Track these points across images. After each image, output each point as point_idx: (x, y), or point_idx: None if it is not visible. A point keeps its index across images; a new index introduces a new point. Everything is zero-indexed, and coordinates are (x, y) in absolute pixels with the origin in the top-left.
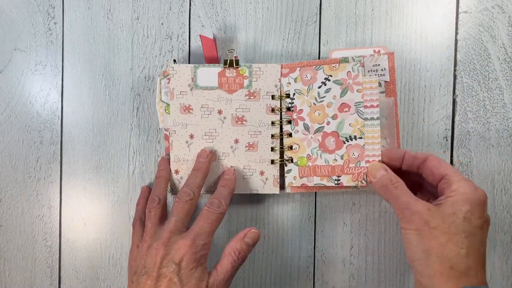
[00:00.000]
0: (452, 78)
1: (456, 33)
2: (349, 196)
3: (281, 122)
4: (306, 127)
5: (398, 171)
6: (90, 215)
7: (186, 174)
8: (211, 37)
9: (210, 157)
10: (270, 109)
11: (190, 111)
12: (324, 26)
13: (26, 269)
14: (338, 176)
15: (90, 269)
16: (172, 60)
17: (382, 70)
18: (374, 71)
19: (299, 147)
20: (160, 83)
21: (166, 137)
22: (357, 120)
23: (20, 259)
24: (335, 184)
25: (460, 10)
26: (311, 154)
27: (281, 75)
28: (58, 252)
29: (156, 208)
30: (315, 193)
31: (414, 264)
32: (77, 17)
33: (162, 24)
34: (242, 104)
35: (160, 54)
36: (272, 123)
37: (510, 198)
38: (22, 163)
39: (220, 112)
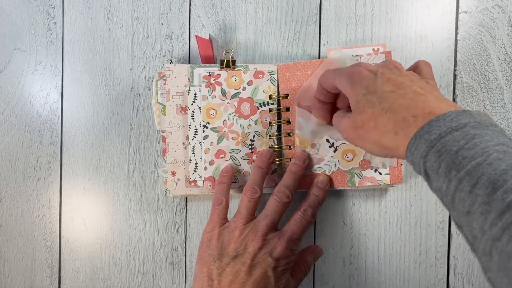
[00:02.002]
0: (452, 78)
1: (456, 33)
2: (349, 196)
3: (279, 122)
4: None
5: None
6: (90, 215)
7: (183, 176)
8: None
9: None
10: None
11: (187, 111)
12: (324, 26)
13: (26, 269)
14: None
15: (90, 269)
16: (168, 61)
17: None
18: None
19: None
20: (156, 85)
21: (163, 139)
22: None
23: (20, 259)
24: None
25: (460, 10)
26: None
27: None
28: (58, 252)
29: (257, 200)
30: None
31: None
32: (77, 17)
33: (162, 24)
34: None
35: (160, 54)
36: (270, 123)
37: None
38: (22, 163)
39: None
